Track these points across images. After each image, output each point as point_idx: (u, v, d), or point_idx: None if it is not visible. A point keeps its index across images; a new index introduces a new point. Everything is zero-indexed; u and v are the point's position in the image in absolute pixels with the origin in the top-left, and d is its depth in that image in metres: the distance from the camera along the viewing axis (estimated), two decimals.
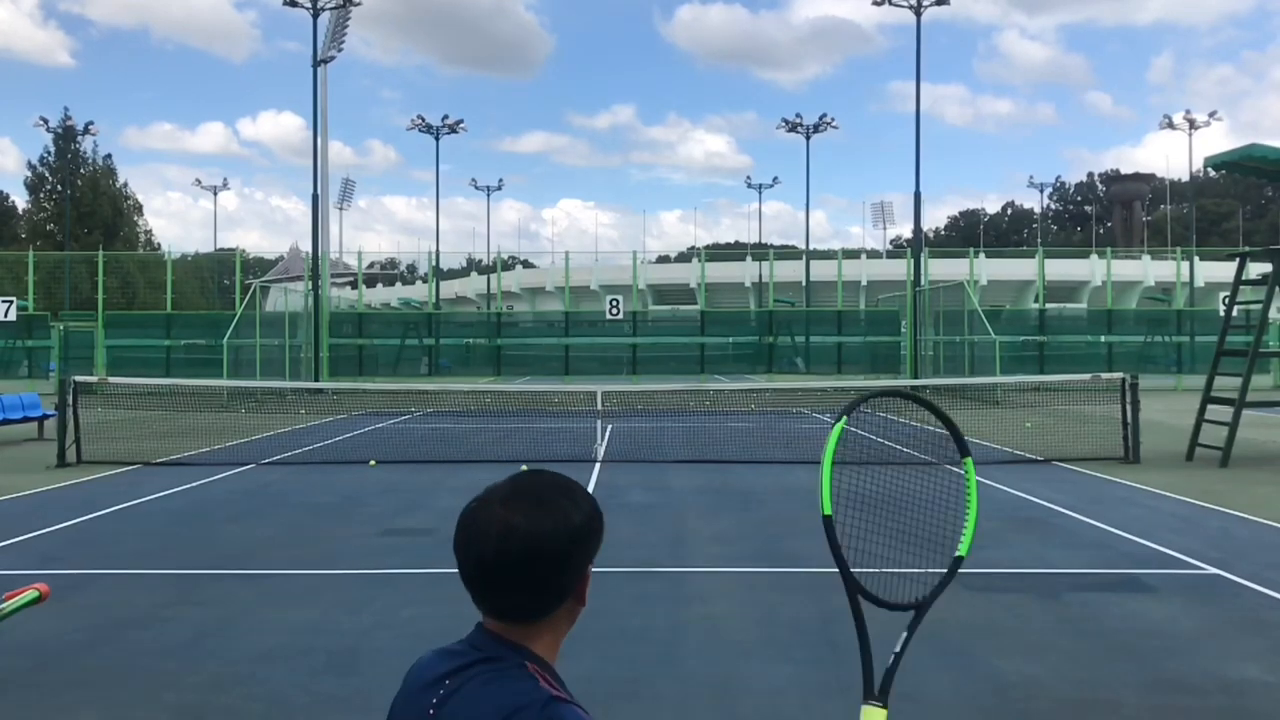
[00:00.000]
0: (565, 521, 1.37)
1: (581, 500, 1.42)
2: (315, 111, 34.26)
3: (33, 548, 8.75)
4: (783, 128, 57.56)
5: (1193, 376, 31.48)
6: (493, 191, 78.92)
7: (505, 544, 1.34)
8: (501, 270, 50.94)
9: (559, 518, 1.37)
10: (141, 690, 5.14)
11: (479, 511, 1.39)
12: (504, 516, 1.36)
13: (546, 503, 1.38)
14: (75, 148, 69.14)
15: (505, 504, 1.38)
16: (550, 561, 1.36)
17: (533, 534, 1.34)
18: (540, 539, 1.35)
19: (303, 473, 13.71)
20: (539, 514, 1.36)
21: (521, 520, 1.35)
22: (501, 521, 1.35)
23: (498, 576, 1.36)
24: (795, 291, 48.27)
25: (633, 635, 6.01)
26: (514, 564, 1.35)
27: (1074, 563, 8.07)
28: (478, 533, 1.37)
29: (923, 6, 35.57)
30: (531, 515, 1.36)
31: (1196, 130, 54.75)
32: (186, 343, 35.06)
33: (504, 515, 1.36)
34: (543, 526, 1.35)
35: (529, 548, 1.34)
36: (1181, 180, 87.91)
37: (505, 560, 1.35)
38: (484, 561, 1.36)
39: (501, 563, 1.35)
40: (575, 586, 1.40)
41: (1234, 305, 15.55)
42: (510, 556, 1.34)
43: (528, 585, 1.36)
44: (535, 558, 1.35)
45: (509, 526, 1.35)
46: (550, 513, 1.37)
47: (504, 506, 1.37)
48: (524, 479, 1.43)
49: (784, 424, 20.56)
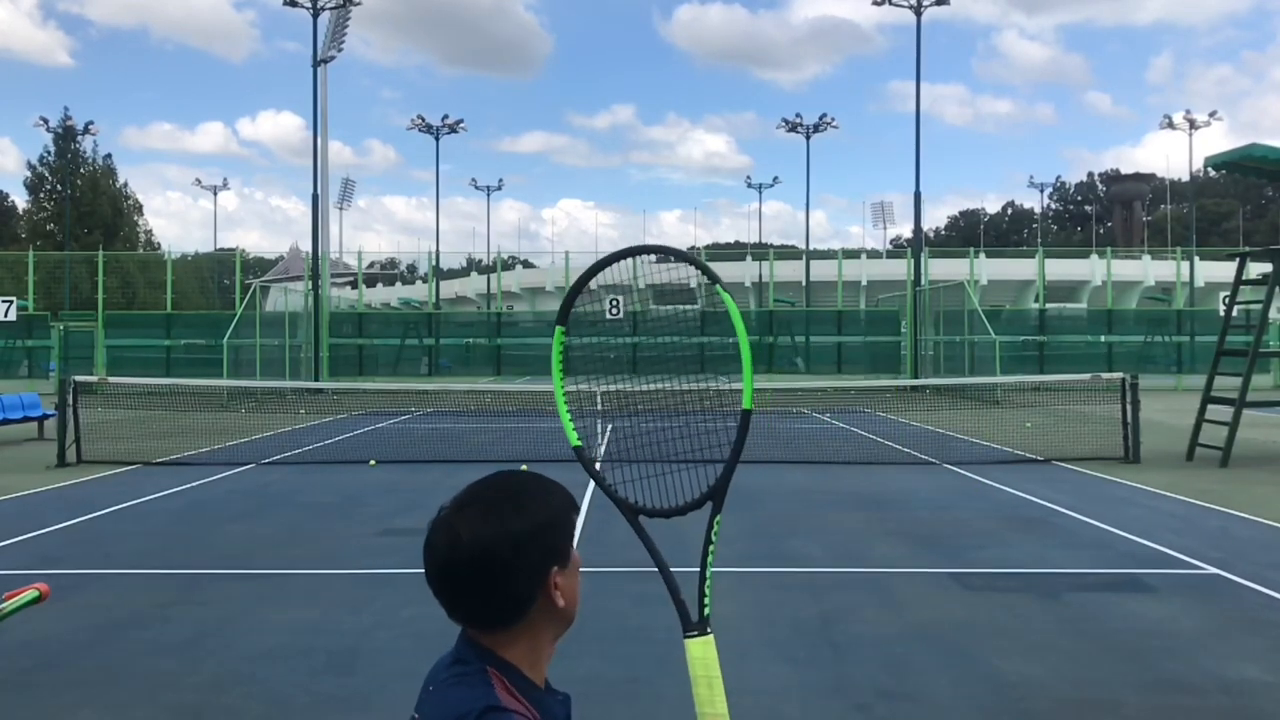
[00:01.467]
0: (505, 530, 1.34)
1: (531, 505, 1.38)
2: (315, 111, 34.29)
3: (33, 548, 8.75)
4: (783, 128, 57.54)
5: (1193, 376, 31.47)
6: (492, 191, 79.03)
7: (451, 554, 1.34)
8: (501, 270, 50.92)
9: (499, 526, 1.34)
10: (141, 690, 5.14)
11: (437, 520, 1.39)
12: (451, 526, 1.36)
13: (492, 510, 1.36)
14: (75, 148, 69.08)
15: (456, 512, 1.37)
16: (494, 571, 1.33)
17: (475, 544, 1.33)
18: (481, 549, 1.33)
19: (303, 473, 13.71)
20: (481, 523, 1.35)
21: (465, 530, 1.34)
22: (449, 531, 1.35)
23: (449, 587, 1.36)
24: (795, 291, 48.25)
25: (633, 635, 6.01)
26: (461, 576, 1.34)
27: (1074, 563, 8.07)
28: (431, 543, 1.37)
29: (923, 6, 35.58)
30: (475, 524, 1.35)
31: (1196, 130, 54.80)
32: (186, 343, 35.04)
33: (452, 525, 1.36)
34: (483, 536, 1.34)
35: (472, 558, 1.33)
36: (1181, 180, 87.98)
37: (452, 571, 1.35)
38: (432, 573, 1.36)
39: (449, 574, 1.35)
40: (535, 593, 1.36)
41: (1234, 305, 15.55)
42: (456, 567, 1.34)
43: (477, 595, 1.35)
44: (479, 568, 1.33)
45: (454, 537, 1.34)
46: (491, 522, 1.35)
47: (454, 515, 1.37)
48: (480, 485, 1.41)
49: (784, 424, 20.56)
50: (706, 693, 1.25)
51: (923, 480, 12.72)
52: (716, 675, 1.26)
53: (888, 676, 5.32)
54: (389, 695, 4.99)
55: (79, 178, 67.89)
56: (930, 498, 11.33)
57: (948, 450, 15.77)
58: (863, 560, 8.24)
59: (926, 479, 12.84)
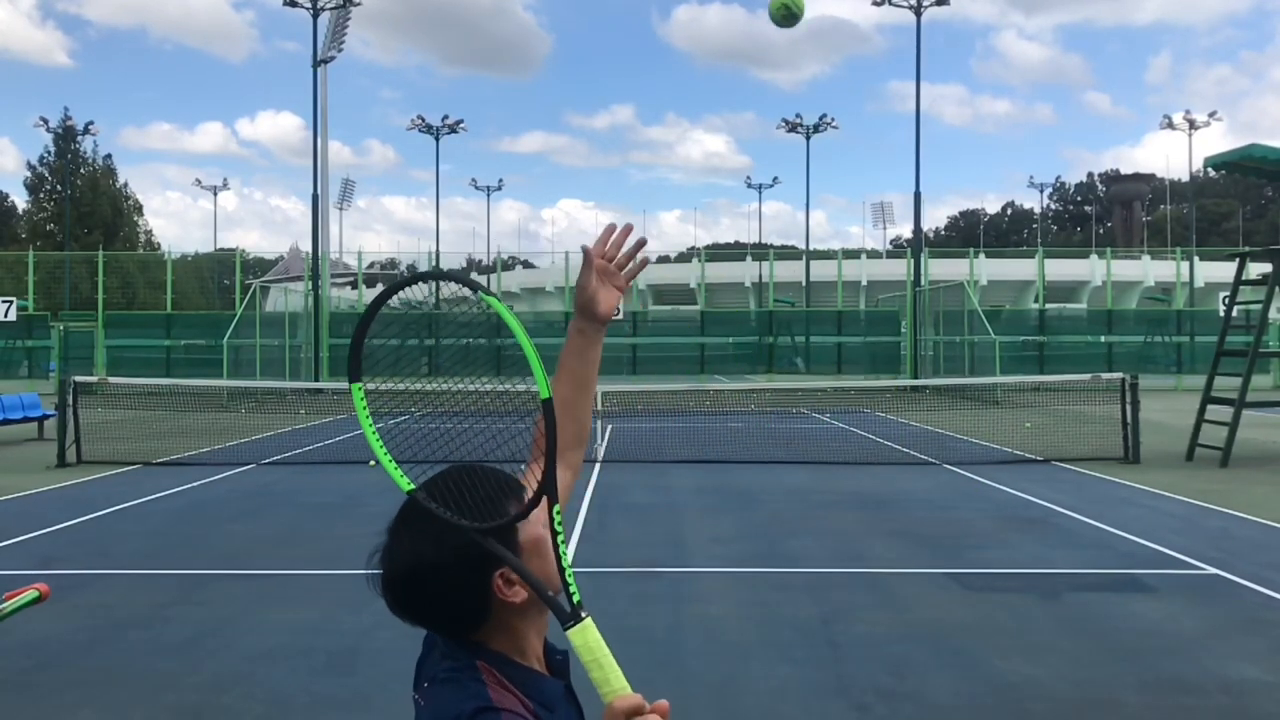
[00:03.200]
0: (418, 556, 1.32)
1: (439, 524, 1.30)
2: (315, 112, 34.25)
3: (33, 548, 8.75)
4: (783, 128, 57.51)
5: (1193, 376, 31.47)
6: (492, 192, 78.98)
7: (388, 578, 1.34)
8: (501, 270, 50.90)
9: (407, 547, 1.33)
10: (141, 690, 5.14)
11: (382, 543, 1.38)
12: (385, 550, 1.36)
13: (408, 533, 1.34)
14: (75, 148, 69.09)
15: (388, 535, 1.37)
16: (428, 593, 1.32)
17: (403, 569, 1.33)
18: (408, 573, 1.32)
19: (303, 473, 13.71)
20: (403, 547, 1.33)
21: (393, 556, 1.34)
22: (384, 555, 1.35)
23: (399, 610, 1.35)
24: (795, 291, 48.24)
25: (633, 635, 6.00)
26: (402, 599, 1.34)
27: (1074, 563, 8.07)
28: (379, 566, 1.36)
29: (923, 7, 35.56)
30: (399, 549, 1.34)
31: (1196, 130, 54.79)
32: (186, 343, 35.02)
33: (386, 548, 1.36)
34: (404, 563, 1.33)
35: (405, 581, 1.33)
36: (1181, 180, 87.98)
37: (394, 594, 1.34)
38: (383, 596, 1.36)
39: (392, 597, 1.34)
40: (485, 601, 1.31)
41: (1234, 305, 15.55)
42: (395, 590, 1.34)
43: (426, 615, 1.34)
44: (413, 592, 1.32)
45: (388, 562, 1.34)
46: (414, 544, 1.33)
47: (388, 537, 1.37)
48: (407, 503, 1.38)
49: (784, 424, 20.56)
50: (600, 674, 1.28)
51: (923, 480, 12.72)
52: (604, 654, 1.28)
53: (888, 676, 5.32)
54: (389, 695, 4.99)
55: (79, 178, 67.88)
56: (930, 498, 11.33)
57: (948, 450, 15.77)
58: (863, 560, 8.24)
59: (926, 479, 12.84)
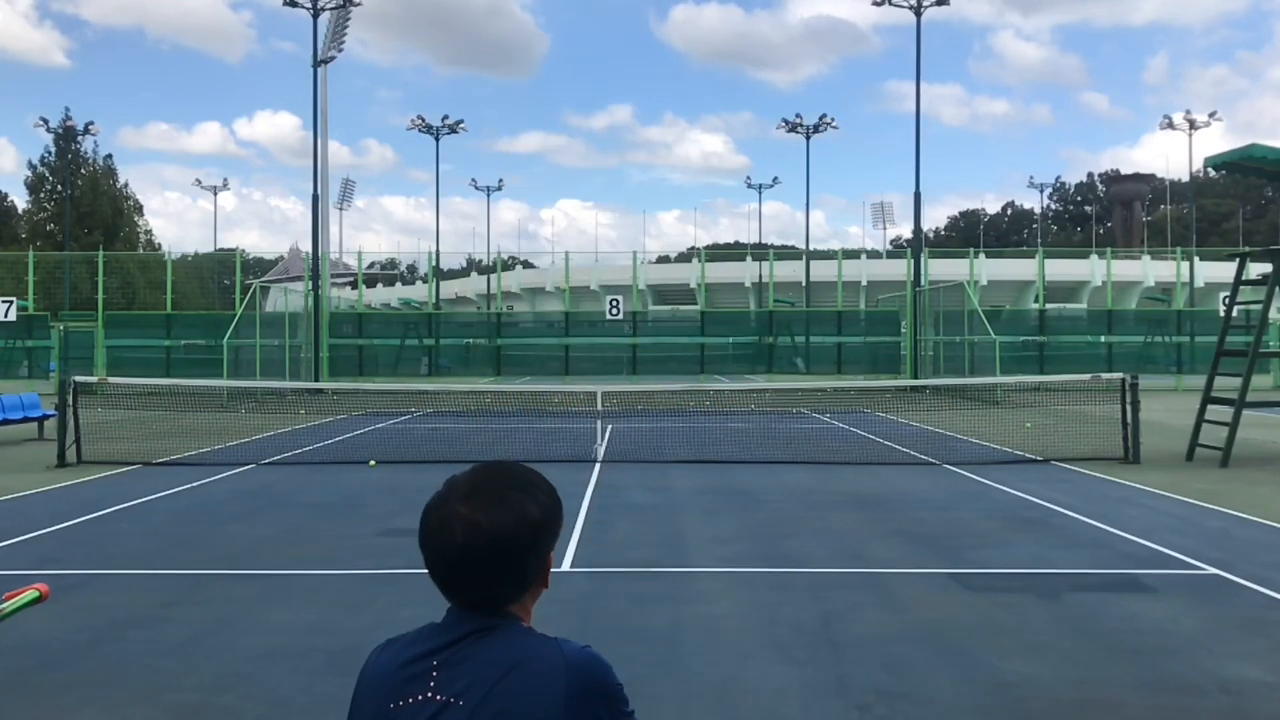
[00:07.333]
0: (525, 517, 1.42)
1: (539, 493, 1.47)
2: (315, 112, 34.27)
3: (33, 548, 8.74)
4: (782, 128, 57.54)
5: (1193, 376, 31.47)
6: (492, 192, 78.99)
7: (470, 541, 1.39)
8: (501, 270, 50.90)
9: (519, 513, 1.42)
10: (141, 690, 5.13)
11: (442, 509, 1.43)
12: (467, 515, 1.40)
13: (508, 499, 1.43)
14: (75, 148, 69.08)
15: (467, 501, 1.42)
16: (514, 555, 1.41)
17: (495, 531, 1.40)
18: (503, 535, 1.40)
19: (303, 473, 13.70)
20: (500, 510, 1.41)
21: (484, 518, 1.40)
22: (464, 520, 1.40)
23: (464, 573, 1.41)
24: (795, 291, 48.23)
25: (633, 635, 6.00)
26: (480, 560, 1.40)
27: (1074, 563, 8.06)
28: (443, 531, 1.41)
29: (923, 6, 35.55)
30: (493, 512, 1.41)
31: (1196, 130, 54.81)
32: (186, 343, 35.00)
33: (467, 513, 1.40)
34: (505, 523, 1.40)
35: (493, 544, 1.40)
36: (1181, 180, 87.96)
37: (470, 557, 1.40)
38: (449, 559, 1.41)
39: (466, 559, 1.40)
40: (538, 573, 1.47)
41: (1234, 305, 15.54)
42: (475, 554, 1.40)
43: (494, 578, 1.42)
44: (500, 553, 1.40)
45: (472, 524, 1.39)
46: (511, 509, 1.42)
47: (466, 504, 1.42)
48: (483, 473, 1.48)
49: (784, 424, 20.56)
50: None
51: (923, 480, 12.72)
52: None
53: (888, 676, 5.31)
54: None
55: (79, 178, 67.87)
56: (930, 498, 11.32)
57: (948, 450, 15.77)
58: (863, 560, 8.23)
59: (926, 479, 12.83)
